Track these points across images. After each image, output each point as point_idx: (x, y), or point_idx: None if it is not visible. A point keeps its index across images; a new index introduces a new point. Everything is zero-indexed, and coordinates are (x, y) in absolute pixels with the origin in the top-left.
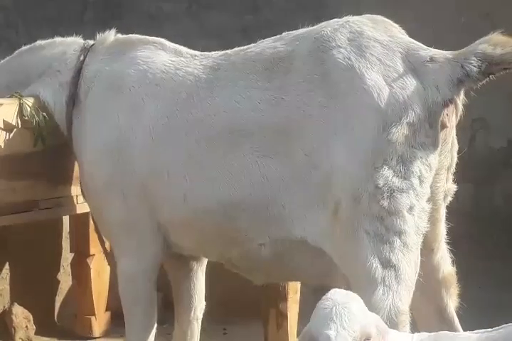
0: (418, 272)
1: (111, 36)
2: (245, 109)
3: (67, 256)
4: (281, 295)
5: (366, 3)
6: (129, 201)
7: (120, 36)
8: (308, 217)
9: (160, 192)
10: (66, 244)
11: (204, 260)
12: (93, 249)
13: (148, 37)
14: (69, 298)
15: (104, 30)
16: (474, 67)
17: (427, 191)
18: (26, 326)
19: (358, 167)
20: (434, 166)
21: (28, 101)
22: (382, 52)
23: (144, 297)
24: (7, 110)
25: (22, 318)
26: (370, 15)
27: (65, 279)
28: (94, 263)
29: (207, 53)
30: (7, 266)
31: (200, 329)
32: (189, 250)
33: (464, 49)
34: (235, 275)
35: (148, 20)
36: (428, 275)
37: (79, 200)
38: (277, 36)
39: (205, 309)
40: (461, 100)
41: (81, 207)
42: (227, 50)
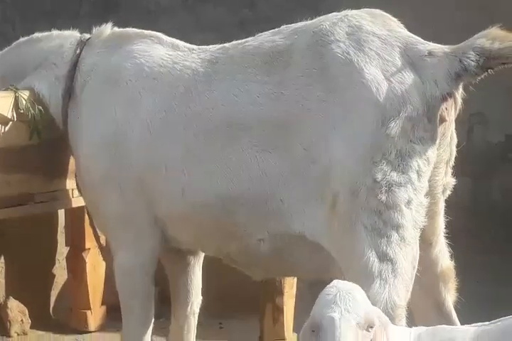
0: (416, 266)
1: (107, 29)
2: (244, 103)
3: (62, 250)
4: (277, 289)
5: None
6: (126, 195)
7: (117, 30)
8: (306, 212)
9: (158, 186)
10: (61, 238)
11: (201, 255)
12: (88, 243)
13: (144, 31)
14: (64, 292)
15: (100, 24)
16: (472, 62)
17: (425, 185)
18: (21, 320)
19: (357, 161)
20: (433, 160)
21: (24, 94)
22: (380, 46)
23: (142, 291)
24: (2, 103)
25: (17, 312)
26: (369, 9)
27: (61, 273)
28: (89, 257)
29: (204, 47)
30: (2, 260)
31: (196, 323)
32: (187, 244)
33: (462, 43)
34: (231, 269)
35: (144, 14)
36: (426, 269)
37: (74, 194)
38: (275, 29)
39: (201, 303)
40: (460, 94)
41: (76, 201)
42: (224, 44)
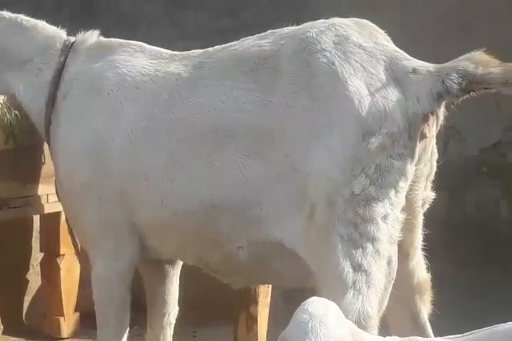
0: (393, 279)
1: (93, 37)
2: (231, 110)
3: (36, 256)
4: (252, 298)
5: (346, 7)
6: (106, 204)
7: (102, 39)
8: (285, 220)
9: (138, 195)
10: (36, 244)
11: (179, 265)
12: (63, 249)
13: (128, 41)
14: (38, 298)
15: (80, 29)
16: (455, 84)
17: (402, 201)
18: None
19: (336, 172)
20: (410, 177)
21: (0, 98)
22: (366, 59)
23: (118, 299)
24: None
25: None
26: (356, 19)
27: (35, 279)
28: (64, 263)
29: (187, 52)
30: None
31: (172, 333)
32: (167, 254)
33: (447, 64)
34: (206, 278)
35: (124, 20)
36: (403, 280)
37: (49, 199)
38: (261, 34)
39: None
40: (442, 111)
41: (51, 207)
42: (207, 48)
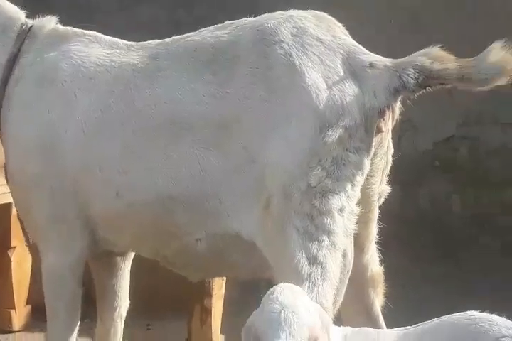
0: (350, 271)
1: (51, 23)
2: (189, 102)
3: None
4: (206, 291)
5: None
6: (59, 196)
7: (59, 27)
8: (244, 212)
9: (92, 186)
10: None
11: (131, 257)
12: (14, 241)
13: (84, 30)
14: None
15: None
16: (411, 79)
17: (358, 194)
18: None
19: (293, 164)
20: (366, 170)
21: None
22: (324, 52)
23: (68, 293)
24: None
25: None
26: (315, 11)
27: None
28: (15, 255)
29: (143, 43)
30: None
31: (123, 326)
32: (122, 246)
33: (404, 59)
34: (159, 269)
35: (78, 11)
36: (356, 273)
37: None
38: (219, 25)
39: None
40: (398, 105)
41: (1, 198)
42: (164, 39)
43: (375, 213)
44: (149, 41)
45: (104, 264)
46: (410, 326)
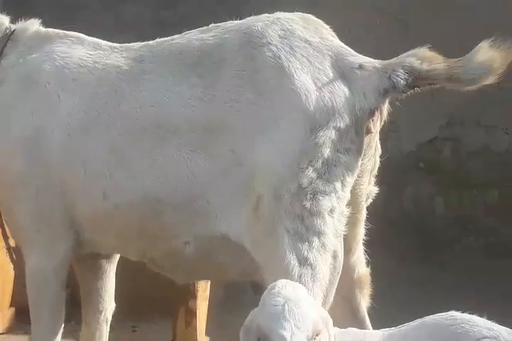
0: (340, 272)
1: (33, 26)
2: (175, 105)
3: None
4: (190, 292)
5: (288, 3)
6: (43, 198)
7: (41, 29)
8: (231, 214)
9: (78, 188)
10: None
11: (116, 260)
12: None
13: (66, 31)
14: None
15: (15, 19)
16: (401, 80)
17: (348, 195)
18: None
19: (283, 166)
20: (356, 171)
21: None
22: (312, 53)
23: (52, 295)
24: None
25: None
26: (301, 13)
27: None
28: None
29: (127, 45)
30: None
31: (108, 329)
32: (108, 249)
33: (392, 60)
34: (145, 271)
35: (60, 10)
36: (343, 275)
37: None
38: (204, 28)
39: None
40: (386, 106)
41: None
42: (148, 41)
43: (363, 214)
44: (133, 43)
45: (89, 267)
46: (395, 326)
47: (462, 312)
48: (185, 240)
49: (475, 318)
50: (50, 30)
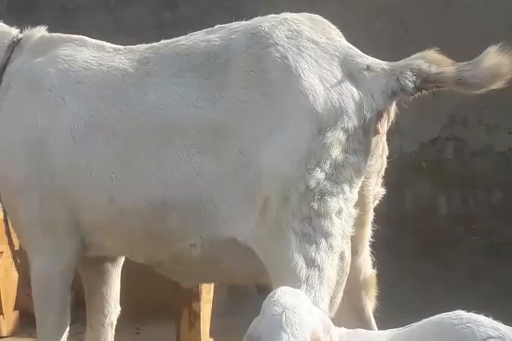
0: (347, 273)
1: (38, 33)
2: (182, 107)
3: None
4: (194, 294)
5: (285, 4)
6: (48, 202)
7: (45, 34)
8: (239, 216)
9: (83, 192)
10: None
11: (120, 263)
12: (1, 246)
13: (70, 35)
14: None
15: (17, 23)
16: (409, 82)
17: (355, 196)
18: None
19: (291, 167)
20: (364, 172)
21: None
22: (320, 54)
23: (57, 299)
24: None
25: None
26: (308, 14)
27: None
28: (2, 261)
29: (131, 47)
30: None
31: (114, 332)
32: (114, 251)
33: (401, 62)
34: (149, 273)
35: (62, 13)
36: (349, 276)
37: None
38: (209, 29)
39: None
40: (393, 107)
41: None
42: (153, 43)
43: (370, 215)
44: (137, 45)
45: (94, 271)
46: (398, 327)
47: (467, 311)
48: (191, 242)
49: (481, 318)
50: (55, 34)
